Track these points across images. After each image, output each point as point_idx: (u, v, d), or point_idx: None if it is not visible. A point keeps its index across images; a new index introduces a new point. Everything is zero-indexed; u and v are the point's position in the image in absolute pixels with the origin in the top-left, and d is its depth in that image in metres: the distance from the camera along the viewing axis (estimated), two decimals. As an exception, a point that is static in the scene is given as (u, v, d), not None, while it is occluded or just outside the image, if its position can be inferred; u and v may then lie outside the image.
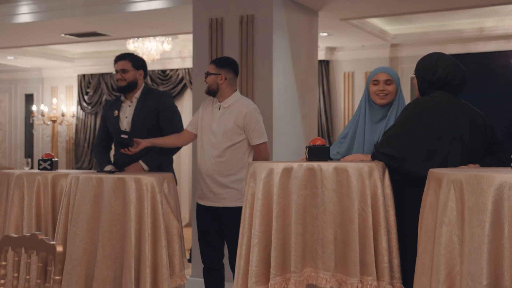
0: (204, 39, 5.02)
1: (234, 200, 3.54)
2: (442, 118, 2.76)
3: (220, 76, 3.60)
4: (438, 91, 2.86)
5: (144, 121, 3.77)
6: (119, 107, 3.88)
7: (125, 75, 3.82)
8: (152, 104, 3.80)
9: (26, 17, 6.43)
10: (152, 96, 3.85)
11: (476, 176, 2.08)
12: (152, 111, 3.79)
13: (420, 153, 2.74)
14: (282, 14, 4.96)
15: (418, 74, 2.95)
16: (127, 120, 3.81)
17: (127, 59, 3.87)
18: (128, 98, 3.87)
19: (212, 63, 3.67)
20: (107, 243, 3.21)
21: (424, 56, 2.99)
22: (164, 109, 3.81)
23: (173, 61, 9.11)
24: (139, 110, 3.80)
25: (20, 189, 3.73)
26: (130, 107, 3.84)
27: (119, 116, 3.85)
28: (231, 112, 3.58)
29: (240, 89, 4.86)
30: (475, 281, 2.01)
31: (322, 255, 2.66)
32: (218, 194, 3.56)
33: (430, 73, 2.88)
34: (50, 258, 2.07)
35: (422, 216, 2.45)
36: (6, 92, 10.66)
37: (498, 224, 2.01)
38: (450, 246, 2.17)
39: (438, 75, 2.86)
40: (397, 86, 3.20)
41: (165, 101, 3.85)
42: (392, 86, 3.18)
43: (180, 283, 3.35)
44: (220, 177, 3.54)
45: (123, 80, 3.82)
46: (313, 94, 5.56)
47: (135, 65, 3.86)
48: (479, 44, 7.49)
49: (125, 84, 3.83)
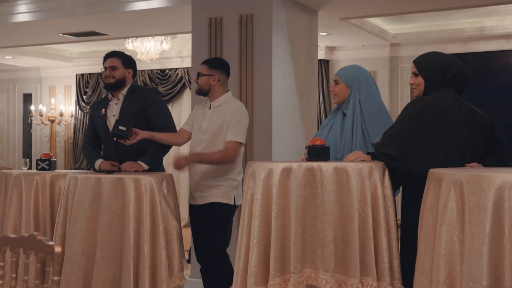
0: (203, 39, 5.01)
1: (218, 196, 3.52)
2: (442, 118, 2.75)
3: (213, 78, 3.59)
4: (439, 91, 2.85)
5: (131, 118, 3.73)
6: (106, 106, 3.85)
7: (114, 72, 3.79)
8: (139, 100, 3.77)
9: (25, 17, 6.42)
10: (139, 93, 3.81)
11: (476, 176, 2.07)
12: (139, 107, 3.75)
13: (420, 153, 2.73)
14: (281, 13, 4.95)
15: (426, 73, 2.91)
16: (114, 118, 3.77)
17: (117, 57, 3.84)
18: (115, 96, 3.83)
19: (204, 64, 3.65)
20: (105, 243, 3.20)
21: (426, 55, 2.98)
22: (151, 104, 3.76)
23: (172, 60, 9.10)
24: (126, 107, 3.76)
25: (18, 189, 3.72)
26: (117, 105, 3.81)
27: (106, 114, 3.82)
28: (221, 111, 3.56)
29: (239, 89, 4.85)
30: (475, 281, 2.00)
31: (322, 256, 2.66)
32: (205, 191, 3.54)
33: (440, 72, 2.87)
34: (48, 258, 2.06)
35: (422, 216, 2.44)
36: (4, 91, 10.65)
37: (498, 224, 2.00)
38: (451, 247, 2.16)
39: (448, 72, 2.86)
40: (348, 85, 3.23)
41: (152, 97, 3.80)
42: (339, 87, 3.25)
43: (179, 283, 3.34)
44: (209, 177, 3.53)
45: (111, 77, 3.79)
46: (313, 93, 5.55)
47: (124, 63, 3.83)
48: (479, 43, 7.48)
49: (113, 82, 3.78)
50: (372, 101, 3.20)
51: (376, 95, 3.25)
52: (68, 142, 9.99)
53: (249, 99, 4.84)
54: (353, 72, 3.27)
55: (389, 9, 5.89)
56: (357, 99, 3.19)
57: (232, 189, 3.55)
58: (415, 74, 2.96)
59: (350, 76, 3.24)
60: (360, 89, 3.21)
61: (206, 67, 3.62)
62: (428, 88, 2.90)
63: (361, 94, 3.20)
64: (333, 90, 3.28)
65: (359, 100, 3.19)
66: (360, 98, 3.19)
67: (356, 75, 3.25)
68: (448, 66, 2.88)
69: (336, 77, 3.28)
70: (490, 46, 7.44)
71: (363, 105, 3.17)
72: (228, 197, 3.53)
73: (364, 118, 3.16)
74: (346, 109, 3.24)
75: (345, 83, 3.23)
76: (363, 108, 3.17)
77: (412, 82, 2.99)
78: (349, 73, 3.26)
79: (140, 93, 3.82)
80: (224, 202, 3.53)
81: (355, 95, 3.20)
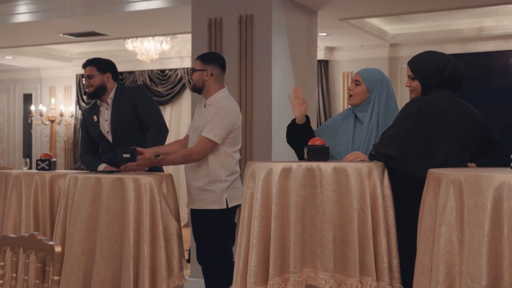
0: (203, 39, 5.02)
1: (208, 202, 3.45)
2: (441, 118, 2.75)
3: (206, 72, 3.49)
4: (437, 90, 2.85)
5: (124, 119, 3.74)
6: (97, 112, 3.85)
7: (91, 81, 3.80)
8: (127, 99, 3.77)
9: (25, 17, 6.42)
10: (126, 93, 3.82)
11: (475, 176, 2.08)
12: (129, 107, 3.76)
13: (419, 153, 2.74)
14: (281, 14, 4.96)
15: (422, 74, 2.87)
16: (107, 122, 3.79)
17: (91, 65, 3.83)
18: (104, 102, 3.84)
19: (197, 59, 3.56)
20: (105, 243, 3.21)
21: (420, 55, 2.93)
22: (140, 101, 3.76)
23: (172, 61, 9.11)
24: (117, 109, 3.77)
25: (18, 189, 3.73)
26: (107, 109, 3.81)
27: (99, 120, 3.83)
28: (212, 109, 3.46)
29: (239, 89, 4.86)
30: (474, 281, 2.01)
31: (321, 256, 2.66)
32: (194, 195, 3.50)
33: (437, 72, 2.84)
34: (48, 258, 2.06)
35: (421, 216, 2.44)
36: (4, 92, 10.65)
37: (497, 224, 2.00)
38: (450, 246, 2.17)
39: (445, 73, 2.84)
40: (370, 89, 3.11)
41: (140, 94, 3.81)
42: (360, 88, 3.11)
43: (178, 283, 3.34)
44: (194, 179, 3.48)
45: (90, 86, 3.81)
46: (312, 94, 5.56)
47: (100, 68, 3.82)
48: (478, 44, 7.49)
49: (93, 90, 3.80)
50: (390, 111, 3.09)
51: (394, 105, 3.14)
52: (68, 142, 9.99)
53: (248, 99, 4.85)
54: (378, 76, 3.13)
55: (388, 10, 5.90)
56: (376, 105, 3.09)
57: (223, 192, 3.44)
58: (411, 78, 2.92)
59: (374, 80, 3.11)
60: (381, 96, 3.10)
61: (199, 62, 3.53)
62: (425, 91, 2.88)
63: (381, 101, 3.10)
64: (351, 89, 3.13)
65: (378, 107, 3.09)
66: (380, 105, 3.09)
67: (380, 80, 3.12)
68: (444, 67, 2.84)
69: (358, 77, 3.13)
70: (489, 46, 7.45)
71: (380, 113, 3.08)
72: (218, 202, 3.44)
73: (379, 126, 3.07)
74: (359, 112, 3.14)
75: (366, 86, 3.10)
76: (380, 116, 3.08)
77: (408, 85, 2.93)
78: (373, 76, 3.13)
79: (127, 92, 3.83)
80: (215, 208, 3.45)
81: (375, 101, 3.09)
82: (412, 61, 2.93)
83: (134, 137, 3.75)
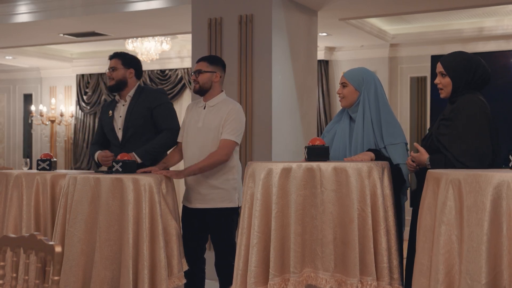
0: (203, 39, 5.02)
1: (221, 201, 3.48)
2: (491, 121, 2.78)
3: (216, 74, 3.55)
4: (474, 92, 2.84)
5: (137, 119, 3.74)
6: (113, 108, 3.85)
7: (113, 74, 3.80)
8: (145, 101, 3.76)
9: (25, 17, 6.42)
10: (146, 94, 3.82)
11: (474, 175, 2.08)
12: (145, 108, 3.75)
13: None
14: (281, 13, 4.96)
15: (455, 74, 2.85)
16: (121, 119, 3.78)
17: (117, 57, 3.85)
18: (122, 98, 3.84)
19: (203, 61, 3.58)
20: (104, 243, 3.20)
21: (453, 54, 2.92)
22: (158, 105, 3.75)
23: (172, 61, 9.10)
24: (133, 108, 3.77)
25: (18, 189, 3.73)
26: (124, 106, 3.81)
27: (113, 115, 3.83)
28: (217, 111, 3.52)
29: (239, 89, 4.86)
30: (474, 280, 2.01)
31: (322, 255, 2.66)
32: (205, 195, 3.50)
33: (470, 71, 2.83)
34: (48, 258, 2.06)
35: (420, 216, 2.45)
36: (4, 92, 10.65)
37: (496, 223, 2.01)
38: (449, 246, 2.17)
39: (477, 75, 2.84)
40: (357, 88, 3.14)
41: (159, 98, 3.80)
42: (348, 89, 3.16)
43: (178, 283, 3.34)
44: (207, 178, 3.49)
45: (111, 79, 3.81)
46: (312, 94, 5.56)
47: (125, 63, 3.83)
48: (479, 44, 7.49)
49: (114, 83, 3.80)
50: (381, 106, 3.13)
51: (384, 99, 3.17)
52: (68, 142, 9.99)
53: (248, 99, 4.85)
54: (362, 74, 3.18)
55: (389, 10, 5.90)
56: (367, 103, 3.12)
57: (234, 190, 3.51)
58: (442, 74, 2.88)
59: (359, 79, 3.16)
60: (369, 93, 3.13)
61: (206, 63, 3.57)
62: (456, 89, 2.85)
63: (370, 97, 3.13)
64: (340, 93, 3.18)
65: (369, 104, 3.12)
66: (370, 102, 3.12)
67: (365, 77, 3.16)
68: (476, 66, 2.84)
69: (344, 80, 3.18)
70: (489, 46, 7.44)
71: (372, 110, 3.11)
72: (231, 200, 3.49)
73: (373, 123, 3.10)
74: (353, 113, 3.17)
75: (353, 86, 3.15)
76: (372, 112, 3.11)
77: (438, 82, 2.90)
78: (358, 75, 3.17)
79: (146, 94, 3.82)
80: (229, 206, 3.49)
81: (364, 99, 3.13)
82: (445, 58, 2.92)
83: (142, 141, 3.72)
